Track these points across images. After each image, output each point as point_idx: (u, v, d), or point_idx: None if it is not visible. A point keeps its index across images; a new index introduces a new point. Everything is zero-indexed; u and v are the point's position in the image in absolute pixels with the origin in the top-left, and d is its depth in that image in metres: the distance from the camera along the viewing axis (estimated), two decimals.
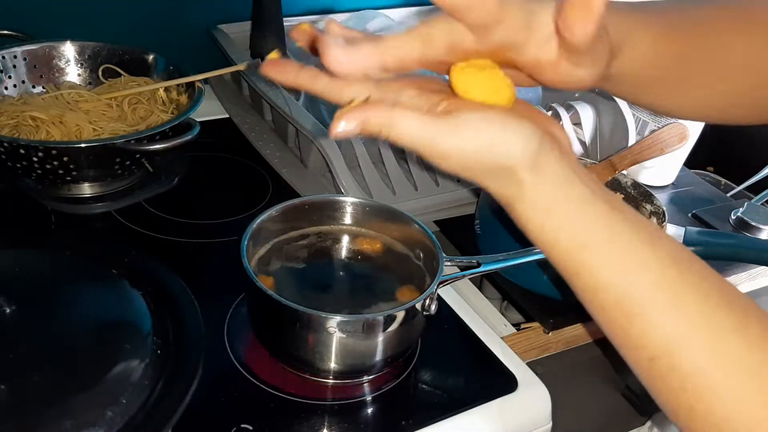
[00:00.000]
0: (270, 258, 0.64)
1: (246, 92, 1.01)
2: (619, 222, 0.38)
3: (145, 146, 0.73)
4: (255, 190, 0.86)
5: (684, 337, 0.36)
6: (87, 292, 0.60)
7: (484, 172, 0.38)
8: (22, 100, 0.82)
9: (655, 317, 0.37)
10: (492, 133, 0.37)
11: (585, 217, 0.38)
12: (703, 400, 0.36)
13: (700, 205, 0.97)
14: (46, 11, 0.93)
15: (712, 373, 0.35)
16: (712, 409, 0.35)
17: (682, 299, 0.36)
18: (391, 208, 0.67)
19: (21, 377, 0.49)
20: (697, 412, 0.36)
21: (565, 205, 0.38)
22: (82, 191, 0.79)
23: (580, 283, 0.39)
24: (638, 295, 0.37)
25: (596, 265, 0.38)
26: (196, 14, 1.03)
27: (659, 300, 0.37)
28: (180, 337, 0.57)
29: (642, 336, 0.37)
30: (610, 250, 0.38)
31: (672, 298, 0.37)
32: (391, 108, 0.37)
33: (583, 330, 0.75)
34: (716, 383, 0.35)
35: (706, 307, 0.36)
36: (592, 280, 0.38)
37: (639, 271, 0.37)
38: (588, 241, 0.38)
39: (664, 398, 0.38)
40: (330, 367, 0.58)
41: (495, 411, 0.61)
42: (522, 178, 0.38)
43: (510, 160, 0.37)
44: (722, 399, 0.35)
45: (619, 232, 0.38)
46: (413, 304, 0.57)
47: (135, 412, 0.49)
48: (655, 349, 0.37)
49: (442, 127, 0.37)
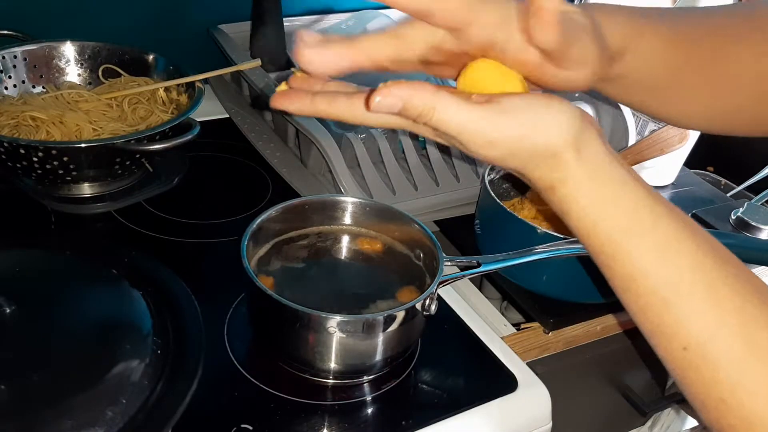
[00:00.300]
0: (270, 258, 0.64)
1: (246, 92, 1.01)
2: (659, 206, 0.38)
3: (145, 146, 0.73)
4: (255, 190, 0.86)
5: (718, 327, 0.36)
6: (87, 292, 0.60)
7: (529, 156, 0.38)
8: (22, 100, 0.82)
9: (692, 305, 0.37)
10: (537, 114, 0.37)
11: (628, 200, 0.38)
12: (735, 392, 0.36)
13: (700, 205, 0.97)
14: (46, 11, 0.93)
15: (744, 365, 0.36)
16: (743, 402, 0.36)
17: (718, 290, 0.37)
18: (391, 208, 0.67)
19: (21, 377, 0.49)
20: (727, 405, 0.36)
21: (609, 187, 0.38)
22: (82, 191, 0.79)
23: (618, 269, 0.39)
24: (676, 282, 0.37)
25: (637, 250, 0.38)
26: (196, 14, 1.03)
27: (695, 288, 0.37)
28: (180, 337, 0.57)
29: (677, 324, 0.37)
30: (652, 235, 0.38)
31: (708, 287, 0.37)
32: (436, 89, 0.36)
33: (583, 330, 0.75)
34: (749, 376, 0.36)
35: (741, 298, 0.37)
36: (631, 265, 0.38)
37: (678, 259, 0.37)
38: (630, 225, 0.38)
39: (694, 390, 0.38)
40: (330, 367, 0.58)
41: (495, 411, 0.61)
42: (566, 159, 0.38)
43: (555, 140, 0.37)
44: (754, 393, 0.35)
45: (660, 217, 0.38)
46: (413, 304, 0.57)
47: (135, 412, 0.49)
48: (689, 338, 0.37)
49: (488, 113, 0.37)
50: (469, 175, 0.87)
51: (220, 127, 0.96)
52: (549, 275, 0.74)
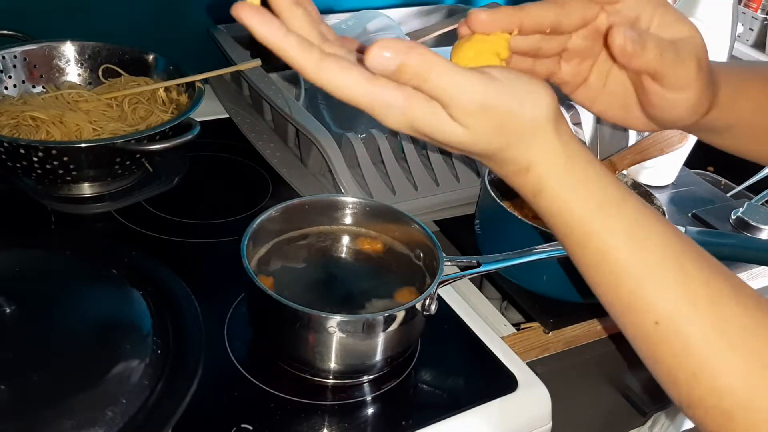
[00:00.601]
0: (270, 258, 0.64)
1: (246, 92, 1.01)
2: (622, 186, 0.40)
3: (145, 146, 0.73)
4: (255, 190, 0.86)
5: (689, 300, 0.37)
6: (87, 292, 0.60)
7: (514, 132, 0.38)
8: (22, 100, 0.82)
9: (663, 280, 0.38)
10: (525, 87, 0.37)
11: (599, 178, 0.39)
12: (705, 365, 0.37)
13: (700, 205, 0.97)
14: (46, 11, 0.93)
15: (713, 337, 0.37)
16: (713, 373, 0.36)
17: (685, 265, 0.38)
18: (391, 208, 0.67)
19: (21, 377, 0.49)
20: (698, 378, 0.37)
21: (583, 165, 0.39)
22: (82, 191, 0.79)
23: (591, 248, 0.39)
24: (646, 258, 0.38)
25: (609, 228, 0.38)
26: (196, 14, 1.03)
27: (666, 264, 0.38)
28: (180, 337, 0.57)
29: (647, 299, 0.38)
30: (622, 213, 0.38)
31: (677, 262, 0.38)
32: (432, 54, 0.35)
33: (583, 330, 0.75)
34: (718, 348, 0.36)
35: (707, 273, 0.38)
36: (603, 242, 0.38)
37: (646, 234, 0.38)
38: (603, 202, 0.38)
39: (665, 365, 0.38)
40: (330, 367, 0.58)
41: (495, 411, 0.61)
42: (547, 137, 0.38)
43: (541, 115, 0.38)
44: (724, 364, 0.36)
45: (626, 196, 0.39)
46: (413, 304, 0.57)
47: (135, 412, 0.49)
48: (661, 312, 0.37)
49: (483, 77, 0.36)
50: (469, 175, 0.87)
51: (220, 127, 0.96)
52: (549, 275, 0.74)
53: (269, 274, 0.62)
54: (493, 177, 0.81)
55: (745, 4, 1.51)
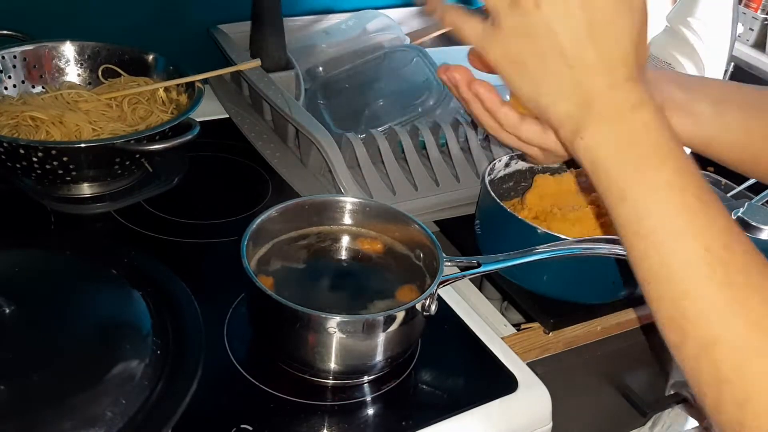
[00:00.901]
0: (270, 258, 0.64)
1: (246, 92, 1.01)
2: (679, 147, 0.41)
3: (145, 146, 0.73)
4: (255, 190, 0.86)
5: (710, 276, 0.37)
6: (87, 292, 0.60)
7: (609, 48, 0.41)
8: (21, 100, 0.82)
9: (692, 251, 0.38)
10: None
11: (652, 135, 0.40)
12: (717, 339, 0.37)
13: None
14: (46, 11, 0.93)
15: (726, 313, 0.37)
16: (724, 348, 0.37)
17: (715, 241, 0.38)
18: (391, 208, 0.67)
19: (21, 377, 0.49)
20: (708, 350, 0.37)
21: (637, 123, 0.40)
22: (81, 191, 0.79)
23: (624, 210, 0.40)
24: (680, 224, 0.39)
25: (643, 189, 0.39)
26: (196, 14, 1.03)
27: (700, 230, 0.38)
28: (180, 337, 0.57)
29: (680, 269, 0.38)
30: (677, 169, 0.39)
31: (716, 236, 0.38)
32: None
33: (583, 330, 0.75)
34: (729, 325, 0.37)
35: (740, 249, 0.38)
36: (637, 207, 0.39)
37: (681, 199, 0.39)
38: (654, 160, 0.39)
39: (690, 336, 0.38)
40: (330, 367, 0.58)
41: (495, 411, 0.61)
42: (622, 78, 0.41)
43: (625, 53, 0.41)
44: (733, 341, 0.37)
45: (682, 157, 0.40)
46: (413, 305, 0.57)
47: (135, 412, 0.49)
48: (688, 285, 0.38)
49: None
50: (469, 175, 0.87)
51: (220, 127, 0.96)
52: (549, 275, 0.74)
53: (269, 274, 0.62)
54: (493, 177, 0.81)
55: (745, 4, 1.51)
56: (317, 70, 1.00)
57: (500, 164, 0.82)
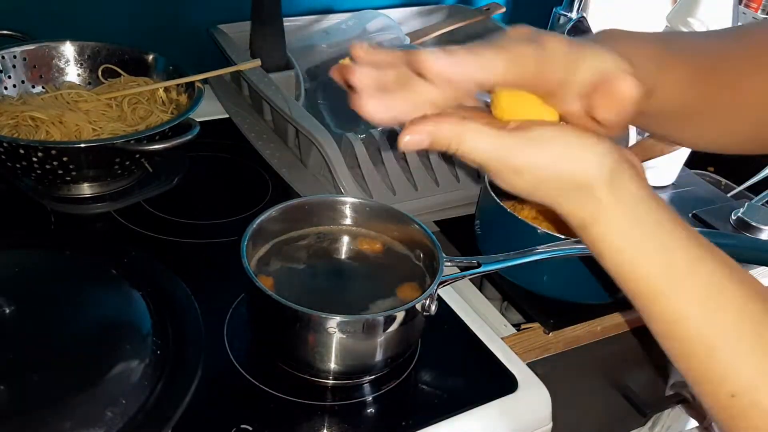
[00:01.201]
0: (270, 258, 0.64)
1: (246, 92, 1.01)
2: (698, 247, 0.37)
3: (144, 146, 0.73)
4: (255, 190, 0.86)
5: (766, 372, 0.35)
6: (87, 292, 0.60)
7: (557, 188, 0.38)
8: (21, 100, 0.82)
9: (737, 350, 0.36)
10: (569, 147, 0.37)
11: (665, 240, 0.37)
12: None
13: (700, 205, 0.97)
14: (46, 11, 0.93)
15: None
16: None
17: (764, 333, 0.36)
18: (391, 208, 0.67)
19: (21, 377, 0.49)
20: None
21: (644, 227, 0.37)
22: (81, 191, 0.79)
23: (657, 313, 0.38)
24: (721, 326, 0.36)
25: (675, 294, 0.37)
26: (196, 14, 1.03)
27: (742, 333, 0.36)
28: (180, 337, 0.57)
29: (723, 370, 0.36)
30: (691, 278, 0.37)
31: (753, 331, 0.36)
32: (461, 120, 0.37)
33: (583, 330, 0.75)
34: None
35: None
36: (672, 310, 0.37)
37: (721, 301, 0.36)
38: (668, 266, 0.37)
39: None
40: (330, 367, 0.58)
41: (495, 411, 0.61)
42: (599, 196, 0.37)
43: (586, 175, 0.37)
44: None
45: (700, 258, 0.37)
46: (413, 305, 0.57)
47: (135, 412, 0.49)
48: (737, 385, 0.36)
49: (516, 140, 0.37)
50: (469, 175, 0.87)
51: (220, 127, 0.96)
52: (549, 275, 0.74)
53: (269, 274, 0.62)
54: None
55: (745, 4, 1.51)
56: (317, 70, 1.00)
57: None
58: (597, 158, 0.37)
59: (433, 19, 1.17)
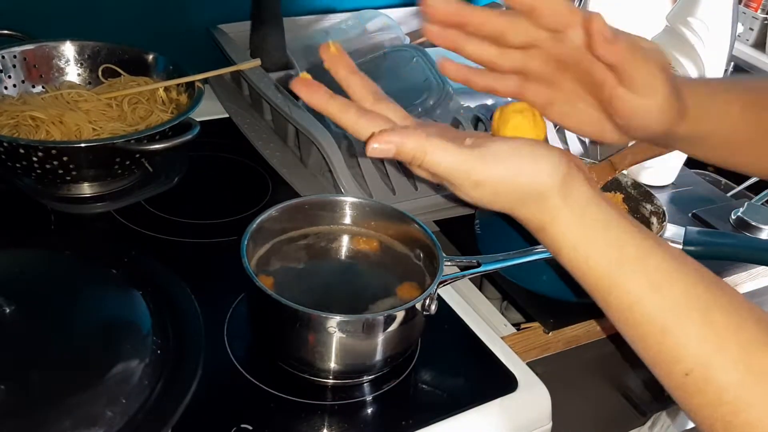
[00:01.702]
0: (270, 258, 0.64)
1: (246, 92, 1.01)
2: (646, 240, 0.40)
3: (145, 146, 0.73)
4: (255, 190, 0.86)
5: (716, 350, 0.37)
6: (87, 291, 0.60)
7: (515, 198, 0.41)
8: (21, 100, 0.82)
9: (687, 331, 0.38)
10: (522, 158, 0.40)
11: (615, 235, 0.40)
12: (741, 412, 0.36)
13: (700, 205, 0.97)
14: (46, 11, 0.93)
15: (747, 385, 0.36)
16: (750, 420, 0.36)
17: (713, 313, 0.38)
18: (391, 207, 0.67)
19: (21, 377, 0.49)
20: (735, 426, 0.36)
21: (596, 224, 0.40)
22: (81, 191, 0.79)
23: (613, 301, 0.41)
24: (670, 309, 0.38)
25: (628, 281, 0.39)
26: (196, 14, 1.03)
27: (690, 314, 0.38)
28: (180, 337, 0.57)
29: (675, 350, 0.38)
30: (641, 266, 0.39)
31: (703, 312, 0.38)
32: (426, 136, 0.40)
33: (583, 330, 0.75)
34: (752, 396, 0.36)
35: (734, 321, 0.38)
36: (625, 296, 0.40)
37: (669, 287, 0.39)
38: (619, 257, 0.40)
39: (701, 414, 0.38)
40: (330, 367, 0.58)
41: (495, 411, 0.61)
42: (553, 203, 0.40)
43: (541, 184, 0.40)
44: (758, 411, 0.36)
45: (648, 249, 0.40)
46: (413, 304, 0.57)
47: (135, 412, 0.49)
48: (690, 363, 0.38)
49: (475, 155, 0.40)
50: None
51: (220, 127, 0.96)
52: (549, 275, 0.74)
53: (269, 274, 0.62)
54: None
55: (745, 4, 1.51)
56: (317, 70, 0.99)
57: None
58: (550, 168, 0.40)
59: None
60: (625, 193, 0.81)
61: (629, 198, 0.80)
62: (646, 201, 0.79)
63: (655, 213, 0.77)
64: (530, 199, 0.41)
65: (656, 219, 0.77)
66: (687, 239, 0.74)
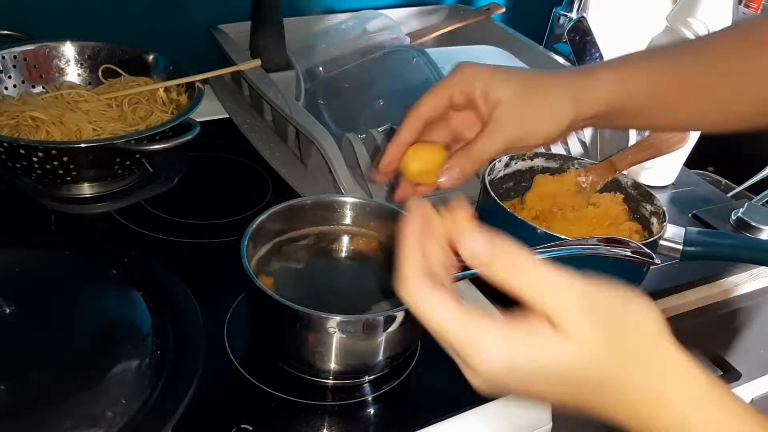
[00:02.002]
0: (270, 258, 0.64)
1: (246, 92, 1.01)
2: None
3: (145, 146, 0.73)
4: (255, 190, 0.86)
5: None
6: (87, 292, 0.60)
7: (630, 345, 0.34)
8: (22, 100, 0.82)
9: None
10: (623, 294, 0.35)
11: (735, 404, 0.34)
12: None
13: (700, 205, 0.97)
14: (46, 11, 0.93)
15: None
16: None
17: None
18: (391, 207, 0.67)
19: (21, 377, 0.49)
20: None
21: (719, 397, 0.34)
22: (82, 191, 0.79)
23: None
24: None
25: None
26: (196, 14, 1.03)
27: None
28: (180, 337, 0.57)
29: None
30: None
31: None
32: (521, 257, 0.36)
33: None
34: None
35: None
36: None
37: None
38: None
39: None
40: (330, 367, 0.58)
41: (495, 411, 0.61)
42: (671, 353, 0.34)
43: (654, 325, 0.35)
44: None
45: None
46: None
47: (135, 412, 0.49)
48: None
49: (581, 285, 0.35)
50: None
51: (220, 127, 0.96)
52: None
53: (269, 274, 0.62)
54: (493, 177, 0.81)
55: (745, 4, 1.51)
56: (317, 70, 1.00)
57: (500, 164, 0.82)
58: (655, 312, 0.35)
59: (433, 19, 1.17)
60: (625, 193, 0.81)
61: (629, 198, 0.80)
62: (646, 201, 0.79)
63: (655, 213, 0.77)
64: (645, 351, 0.34)
65: (656, 219, 0.77)
66: (687, 240, 0.74)
